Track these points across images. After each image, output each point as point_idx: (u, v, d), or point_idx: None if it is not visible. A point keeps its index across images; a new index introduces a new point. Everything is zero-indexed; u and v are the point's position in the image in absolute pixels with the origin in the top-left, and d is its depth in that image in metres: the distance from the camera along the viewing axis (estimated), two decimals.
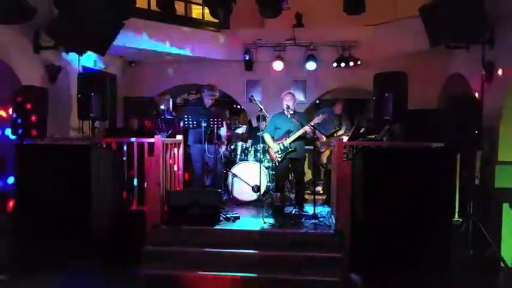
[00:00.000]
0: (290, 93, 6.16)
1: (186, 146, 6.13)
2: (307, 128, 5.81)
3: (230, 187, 6.74)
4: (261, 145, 6.43)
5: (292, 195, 6.58)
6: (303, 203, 6.12)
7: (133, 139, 5.49)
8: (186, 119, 5.79)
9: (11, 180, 5.36)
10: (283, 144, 5.92)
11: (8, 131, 5.39)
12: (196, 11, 8.68)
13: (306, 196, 6.64)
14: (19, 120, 5.04)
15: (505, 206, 5.02)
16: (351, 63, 8.00)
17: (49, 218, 4.55)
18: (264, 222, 5.40)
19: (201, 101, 6.24)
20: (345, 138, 5.61)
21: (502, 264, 4.66)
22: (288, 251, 4.88)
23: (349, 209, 4.92)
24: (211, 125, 5.80)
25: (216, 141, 5.93)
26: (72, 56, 6.41)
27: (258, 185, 6.27)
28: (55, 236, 4.47)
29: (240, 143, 7.17)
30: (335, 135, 6.69)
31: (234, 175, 6.70)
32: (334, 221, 5.26)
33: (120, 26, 6.19)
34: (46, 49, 5.95)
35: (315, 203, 5.75)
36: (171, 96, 7.80)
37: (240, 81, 8.83)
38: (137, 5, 6.45)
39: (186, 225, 5.17)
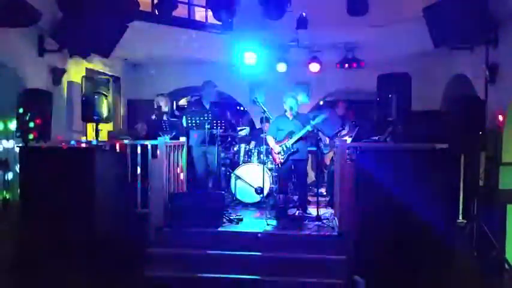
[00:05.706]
0: (292, 94, 6.17)
1: (188, 147, 6.13)
2: (309, 129, 5.81)
3: (233, 189, 6.75)
4: (264, 147, 6.44)
5: (296, 197, 6.57)
6: (306, 205, 6.11)
7: (137, 141, 5.50)
8: (189, 121, 5.80)
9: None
10: (285, 146, 5.92)
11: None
12: (200, 14, 8.69)
13: (309, 198, 6.63)
14: (23, 123, 5.06)
15: (510, 207, 4.99)
16: (354, 65, 7.99)
17: (53, 221, 4.57)
18: (267, 224, 5.40)
19: (201, 102, 6.25)
20: (348, 140, 5.60)
21: (507, 266, 4.63)
22: (291, 253, 4.88)
23: (353, 211, 4.91)
24: (214, 127, 5.80)
25: (219, 142, 5.93)
26: (76, 59, 6.43)
27: (261, 187, 6.27)
28: (59, 238, 4.49)
29: (243, 145, 7.16)
30: (338, 135, 6.68)
31: (237, 177, 6.70)
32: (337, 223, 5.25)
33: (124, 29, 6.22)
34: (50, 52, 5.98)
35: (318, 204, 5.75)
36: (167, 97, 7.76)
37: (243, 83, 8.84)
38: (141, 8, 6.47)
39: (189, 228, 5.18)
